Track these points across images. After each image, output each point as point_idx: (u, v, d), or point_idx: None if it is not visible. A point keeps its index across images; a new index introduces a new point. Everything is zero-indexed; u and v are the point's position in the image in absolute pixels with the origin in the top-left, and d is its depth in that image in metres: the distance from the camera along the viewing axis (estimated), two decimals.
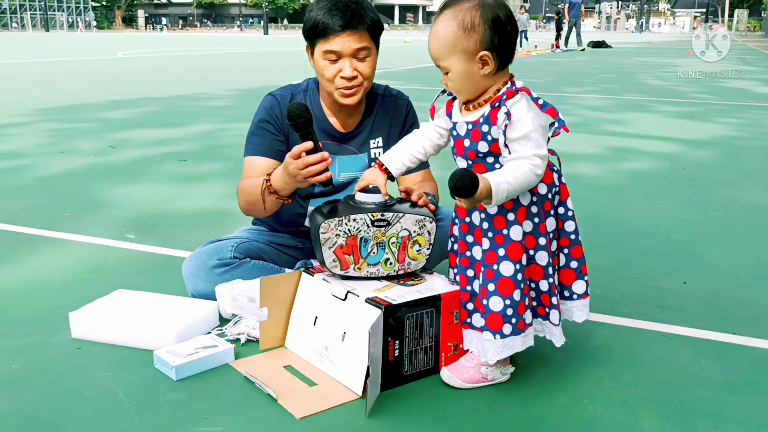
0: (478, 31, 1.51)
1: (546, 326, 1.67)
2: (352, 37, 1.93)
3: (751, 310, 2.20)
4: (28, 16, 60.30)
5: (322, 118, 2.11)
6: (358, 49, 1.94)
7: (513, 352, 1.62)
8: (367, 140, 2.15)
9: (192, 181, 4.02)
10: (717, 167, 4.55)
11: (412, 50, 22.33)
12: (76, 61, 15.89)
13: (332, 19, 1.91)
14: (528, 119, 1.51)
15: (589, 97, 8.81)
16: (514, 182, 1.48)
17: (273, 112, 2.08)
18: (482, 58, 1.53)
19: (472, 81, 1.56)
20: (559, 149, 1.67)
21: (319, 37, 1.94)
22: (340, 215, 1.72)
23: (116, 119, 6.55)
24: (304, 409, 1.60)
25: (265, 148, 2.07)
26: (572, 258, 1.67)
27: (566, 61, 16.46)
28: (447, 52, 1.54)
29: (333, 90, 2.00)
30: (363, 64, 1.97)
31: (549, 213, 1.61)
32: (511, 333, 1.60)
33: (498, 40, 1.52)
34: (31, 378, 1.75)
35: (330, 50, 1.94)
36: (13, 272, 2.50)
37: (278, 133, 2.08)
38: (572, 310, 1.71)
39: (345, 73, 1.95)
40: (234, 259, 2.10)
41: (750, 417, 1.60)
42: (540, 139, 1.52)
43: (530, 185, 1.53)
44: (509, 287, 1.58)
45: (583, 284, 1.69)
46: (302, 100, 2.10)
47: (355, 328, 1.68)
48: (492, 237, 1.60)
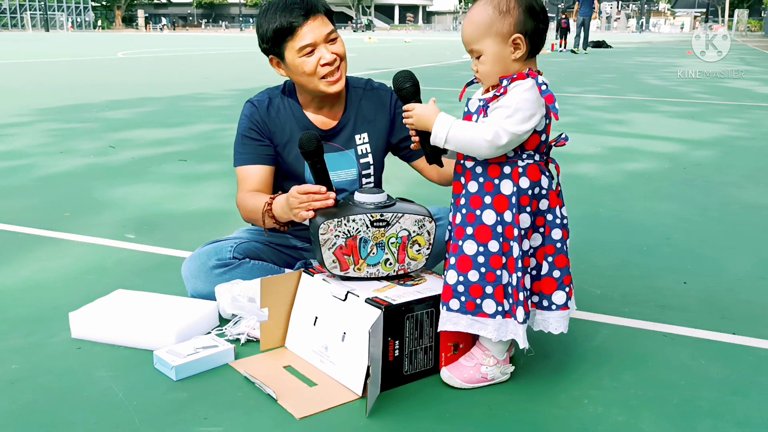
0: (513, 15, 1.55)
1: (509, 324, 1.62)
2: (316, 22, 1.96)
3: (751, 310, 2.20)
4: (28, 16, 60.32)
5: (303, 118, 2.11)
6: (328, 33, 1.98)
7: (459, 329, 1.62)
8: (352, 136, 2.15)
9: (192, 181, 4.02)
10: (717, 167, 4.55)
11: (412, 50, 22.30)
12: (76, 61, 15.90)
13: (292, 15, 1.94)
14: (516, 97, 1.53)
15: (590, 97, 8.81)
16: (458, 130, 1.56)
17: (254, 118, 2.10)
18: (515, 41, 1.56)
19: (503, 64, 1.58)
20: (559, 149, 1.67)
21: (287, 37, 1.96)
22: (339, 216, 1.72)
23: (116, 119, 6.55)
24: (304, 409, 1.60)
25: (253, 156, 2.09)
26: (555, 267, 1.65)
27: (566, 61, 16.46)
28: (481, 34, 1.58)
29: (318, 83, 2.00)
30: (336, 46, 2.01)
31: (524, 208, 1.59)
32: (457, 310, 1.61)
33: (531, 25, 1.56)
34: (31, 378, 1.75)
35: (304, 44, 1.95)
36: (13, 272, 2.50)
37: (263, 138, 2.09)
38: (549, 320, 1.67)
39: (325, 58, 1.97)
40: (233, 259, 2.11)
41: (750, 417, 1.60)
42: (512, 115, 1.52)
43: (474, 145, 1.54)
44: (467, 265, 1.59)
45: (563, 295, 1.66)
46: (278, 101, 2.12)
47: (355, 328, 1.68)
48: (465, 214, 1.62)
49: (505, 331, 1.62)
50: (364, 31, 59.96)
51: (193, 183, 3.98)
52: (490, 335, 1.62)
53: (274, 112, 2.11)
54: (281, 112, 2.11)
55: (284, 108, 2.12)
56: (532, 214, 1.61)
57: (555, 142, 1.64)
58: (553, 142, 1.64)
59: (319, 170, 1.80)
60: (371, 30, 62.86)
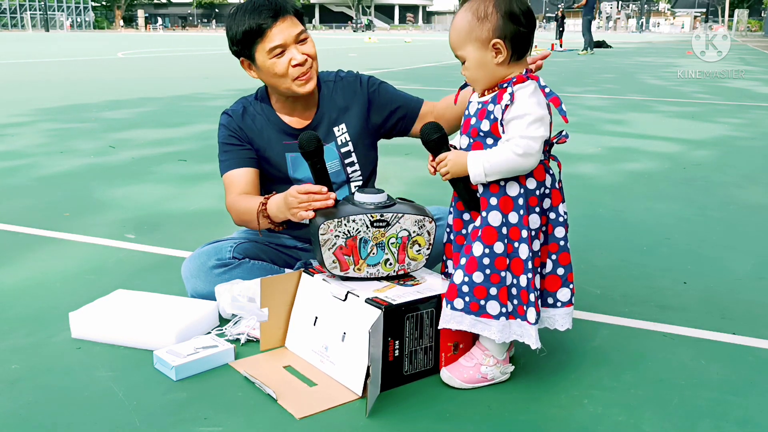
0: (491, 20, 1.56)
1: (524, 327, 1.63)
2: (285, 23, 1.97)
3: (751, 310, 2.20)
4: (28, 16, 60.32)
5: (277, 121, 2.13)
6: (297, 34, 1.99)
7: (462, 328, 1.63)
8: (330, 129, 2.15)
9: (192, 181, 4.02)
10: (717, 167, 4.55)
11: (412, 50, 22.30)
12: (76, 61, 15.90)
13: (261, 17, 1.95)
14: (526, 103, 1.54)
15: (590, 97, 8.81)
16: (491, 158, 1.55)
17: (231, 126, 2.13)
18: (495, 46, 1.56)
19: (486, 69, 1.59)
20: (559, 149, 1.67)
21: (257, 38, 1.97)
22: (339, 216, 1.72)
23: (116, 119, 6.55)
24: (304, 409, 1.60)
25: (237, 160, 2.11)
26: (559, 264, 1.66)
27: (566, 61, 16.46)
28: (463, 40, 1.60)
29: (290, 84, 2.01)
30: (306, 46, 2.02)
31: (533, 209, 1.60)
32: (461, 309, 1.62)
33: (511, 29, 1.56)
34: (31, 378, 1.75)
35: (274, 46, 1.96)
36: (13, 272, 2.50)
37: (242, 143, 2.12)
38: (555, 317, 1.68)
39: (296, 59, 1.98)
40: (233, 259, 2.11)
41: (750, 417, 1.60)
42: (532, 123, 1.54)
43: (513, 164, 1.54)
44: (473, 266, 1.60)
45: (567, 292, 1.67)
46: (253, 108, 2.15)
47: (355, 328, 1.68)
48: (471, 215, 1.63)
49: (509, 332, 1.62)
50: (364, 31, 59.97)
51: (193, 183, 3.98)
52: (494, 336, 1.62)
53: (249, 119, 2.13)
54: (256, 118, 2.14)
55: (259, 114, 2.14)
56: (540, 214, 1.62)
57: (556, 140, 1.65)
58: (554, 140, 1.65)
59: (319, 170, 1.80)
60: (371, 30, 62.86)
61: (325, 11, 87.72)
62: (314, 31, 63.88)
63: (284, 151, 2.13)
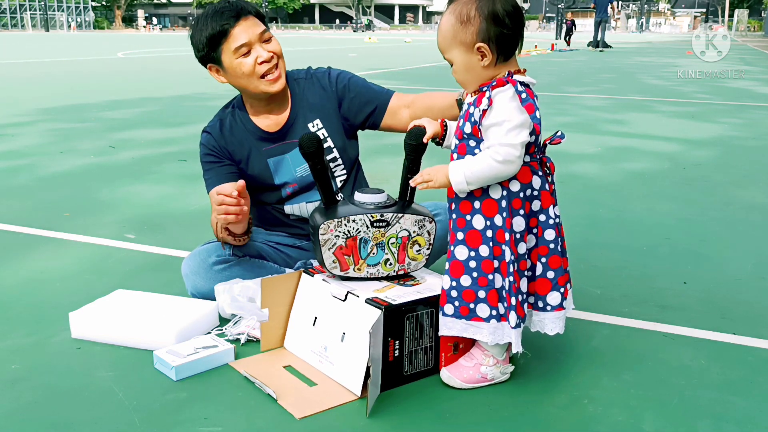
0: (474, 24, 1.54)
1: (504, 328, 1.61)
2: (247, 22, 2.00)
3: (751, 310, 2.20)
4: (28, 16, 60.30)
5: (253, 128, 2.14)
6: (260, 33, 2.02)
7: (454, 334, 1.63)
8: (305, 126, 2.15)
9: (192, 181, 4.01)
10: (717, 167, 4.55)
11: (412, 50, 22.30)
12: (76, 61, 15.90)
13: (222, 18, 1.98)
14: (505, 108, 1.52)
15: (590, 97, 8.81)
16: (471, 166, 1.54)
17: (209, 144, 2.15)
18: (479, 49, 1.55)
19: (473, 72, 1.59)
20: (559, 148, 1.67)
21: (221, 40, 1.99)
22: (339, 216, 1.72)
23: (116, 119, 6.55)
24: (304, 409, 1.60)
25: (219, 177, 2.12)
26: (549, 268, 1.64)
27: (566, 61, 16.46)
28: (448, 44, 1.60)
29: (258, 83, 2.03)
30: (271, 44, 2.04)
31: (517, 212, 1.58)
32: (452, 315, 1.62)
33: (495, 31, 1.54)
34: (31, 378, 1.75)
35: (239, 45, 1.98)
36: (13, 272, 2.50)
37: (222, 158, 2.14)
38: (545, 321, 1.66)
39: (262, 56, 2.00)
40: (233, 256, 2.11)
41: (750, 417, 1.60)
42: (511, 129, 1.51)
43: (494, 171, 1.53)
44: (459, 270, 1.60)
45: (558, 296, 1.65)
46: (230, 119, 2.16)
47: (355, 328, 1.68)
48: (455, 219, 1.62)
49: (501, 334, 1.62)
50: (364, 31, 59.95)
51: (193, 183, 3.97)
52: (486, 339, 1.62)
53: (227, 132, 2.15)
54: (234, 128, 2.15)
55: (236, 124, 2.15)
56: (526, 217, 1.60)
57: (550, 141, 1.63)
58: (549, 140, 1.64)
59: (319, 171, 1.80)
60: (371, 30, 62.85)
61: (325, 11, 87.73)
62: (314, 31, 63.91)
63: (265, 157, 2.14)
